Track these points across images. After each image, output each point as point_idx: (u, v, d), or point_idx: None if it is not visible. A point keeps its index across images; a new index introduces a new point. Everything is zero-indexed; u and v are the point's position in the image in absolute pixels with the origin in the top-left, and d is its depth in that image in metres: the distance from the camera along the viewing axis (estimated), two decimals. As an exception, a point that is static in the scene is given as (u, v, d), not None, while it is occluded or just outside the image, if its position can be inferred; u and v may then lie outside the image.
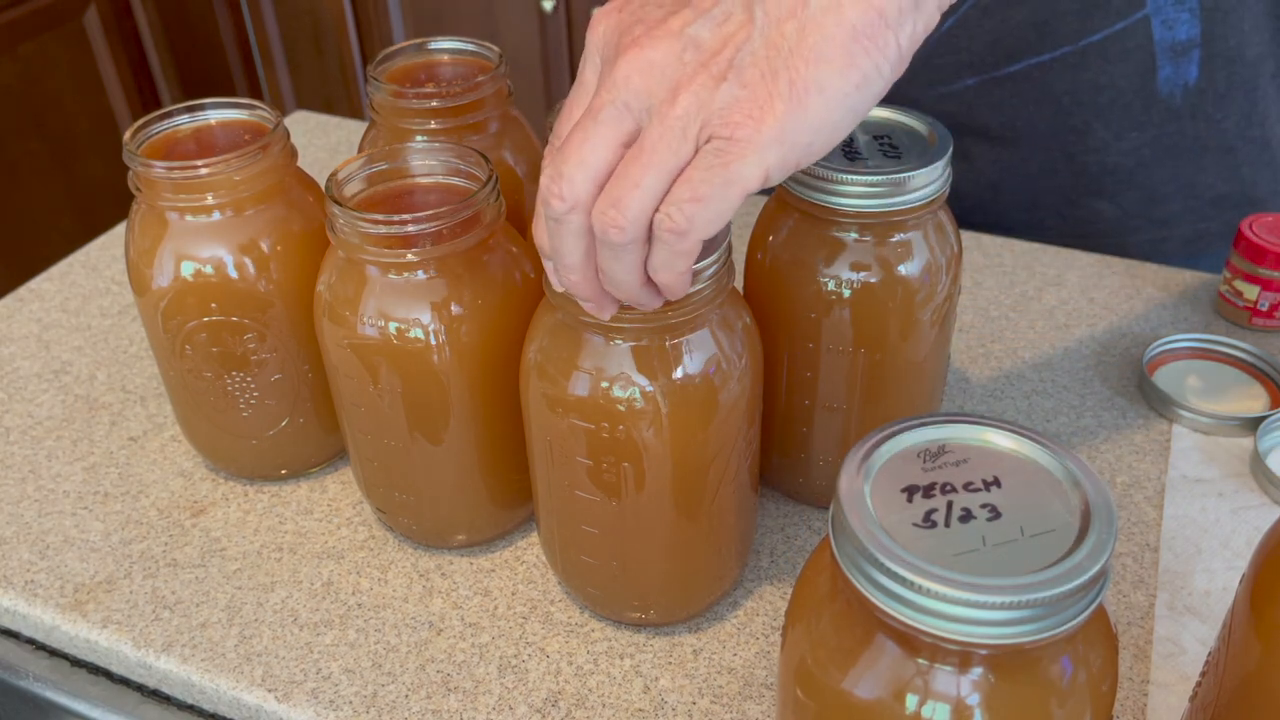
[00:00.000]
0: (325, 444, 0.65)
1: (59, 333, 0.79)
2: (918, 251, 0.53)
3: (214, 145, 0.60)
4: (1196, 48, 0.81)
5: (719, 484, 0.51)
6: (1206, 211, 0.88)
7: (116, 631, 0.57)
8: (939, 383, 0.60)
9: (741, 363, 0.49)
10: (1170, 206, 0.87)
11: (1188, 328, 0.76)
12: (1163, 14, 0.80)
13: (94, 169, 1.91)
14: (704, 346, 0.48)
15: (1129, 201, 0.87)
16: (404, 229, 0.50)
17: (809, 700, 0.38)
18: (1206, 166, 0.86)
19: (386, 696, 0.53)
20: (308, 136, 1.04)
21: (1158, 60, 0.81)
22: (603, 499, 0.50)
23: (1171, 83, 0.82)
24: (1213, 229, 0.89)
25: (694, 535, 0.52)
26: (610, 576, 0.53)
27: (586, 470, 0.49)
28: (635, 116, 0.39)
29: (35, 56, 1.77)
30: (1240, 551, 0.59)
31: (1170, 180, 0.87)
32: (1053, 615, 0.32)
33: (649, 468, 0.48)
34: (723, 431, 0.49)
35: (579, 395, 0.47)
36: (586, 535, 0.52)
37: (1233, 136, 0.85)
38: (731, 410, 0.49)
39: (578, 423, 0.48)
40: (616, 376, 0.47)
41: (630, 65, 0.39)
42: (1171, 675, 0.53)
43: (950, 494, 0.36)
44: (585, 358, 0.47)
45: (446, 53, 0.68)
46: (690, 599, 0.55)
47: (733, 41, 0.38)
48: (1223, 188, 0.87)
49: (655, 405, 0.47)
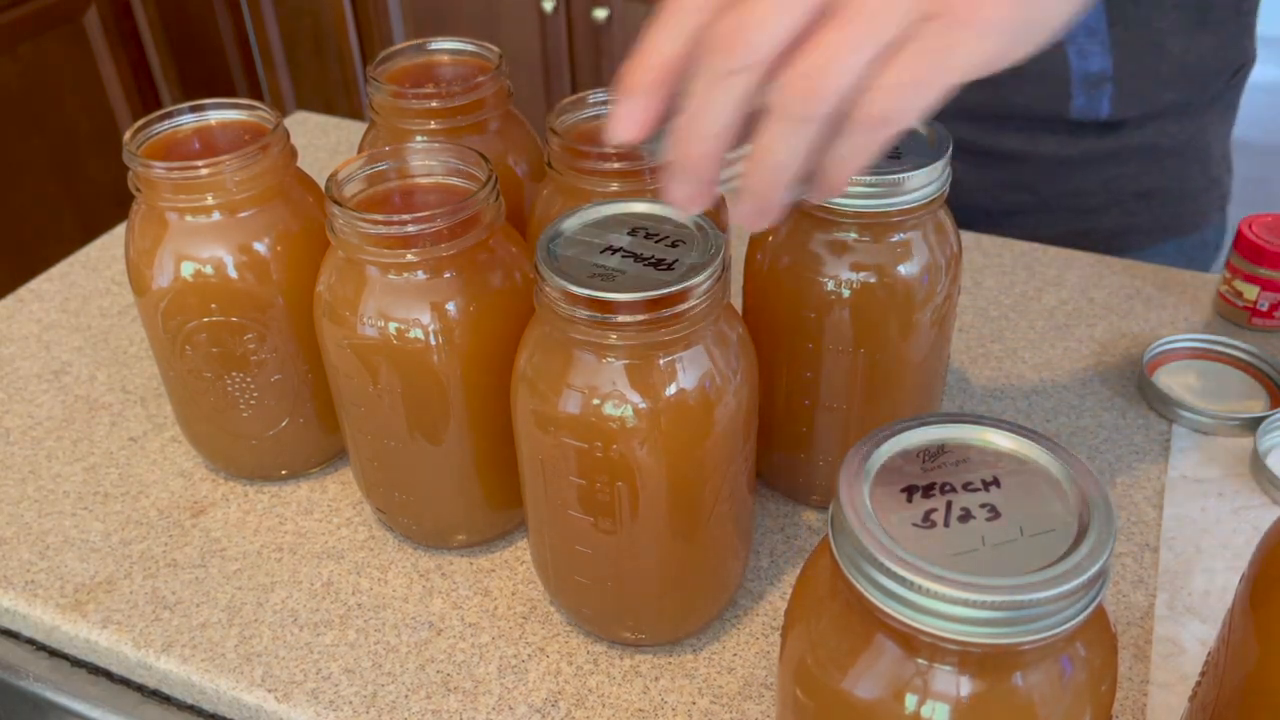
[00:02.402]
0: (325, 444, 0.65)
1: (59, 333, 0.79)
2: (917, 251, 0.53)
3: (214, 146, 0.60)
4: (1109, 82, 0.81)
5: (715, 502, 0.50)
6: (1132, 206, 0.88)
7: (116, 632, 0.57)
8: (939, 383, 0.60)
9: (737, 378, 0.48)
10: (1092, 200, 0.88)
11: (1188, 328, 0.76)
12: (1077, 42, 0.80)
13: (94, 169, 1.91)
14: (698, 363, 0.47)
15: (1048, 193, 0.87)
16: (404, 229, 0.50)
17: (809, 700, 0.38)
18: (1128, 167, 0.87)
19: (386, 696, 0.53)
20: (308, 137, 1.04)
21: (1072, 88, 0.82)
22: (595, 519, 0.49)
23: (1084, 112, 0.83)
24: (1140, 223, 0.89)
25: (690, 555, 0.51)
26: (604, 597, 0.53)
27: (578, 490, 0.49)
28: None
29: (35, 56, 1.78)
30: (1240, 551, 0.59)
31: (1091, 178, 0.87)
32: (1052, 615, 0.32)
33: (643, 487, 0.48)
34: (719, 448, 0.49)
35: (570, 413, 0.47)
36: (579, 555, 0.52)
37: (1154, 139, 0.86)
38: (727, 427, 0.48)
39: (569, 441, 0.47)
40: (609, 394, 0.46)
41: None
42: (1171, 675, 0.53)
43: (949, 494, 0.36)
44: (576, 374, 0.46)
45: (446, 53, 0.68)
46: (685, 619, 0.55)
47: None
48: (1148, 183, 0.88)
49: (648, 424, 0.46)
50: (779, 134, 0.36)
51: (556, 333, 0.46)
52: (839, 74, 0.34)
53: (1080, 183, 0.87)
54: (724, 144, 0.37)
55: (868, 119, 0.35)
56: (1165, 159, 0.87)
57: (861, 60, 0.34)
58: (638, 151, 0.54)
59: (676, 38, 0.36)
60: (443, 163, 0.55)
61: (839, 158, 0.36)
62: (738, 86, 0.35)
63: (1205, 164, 0.90)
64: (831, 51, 0.34)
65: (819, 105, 0.34)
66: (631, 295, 0.44)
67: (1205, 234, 0.93)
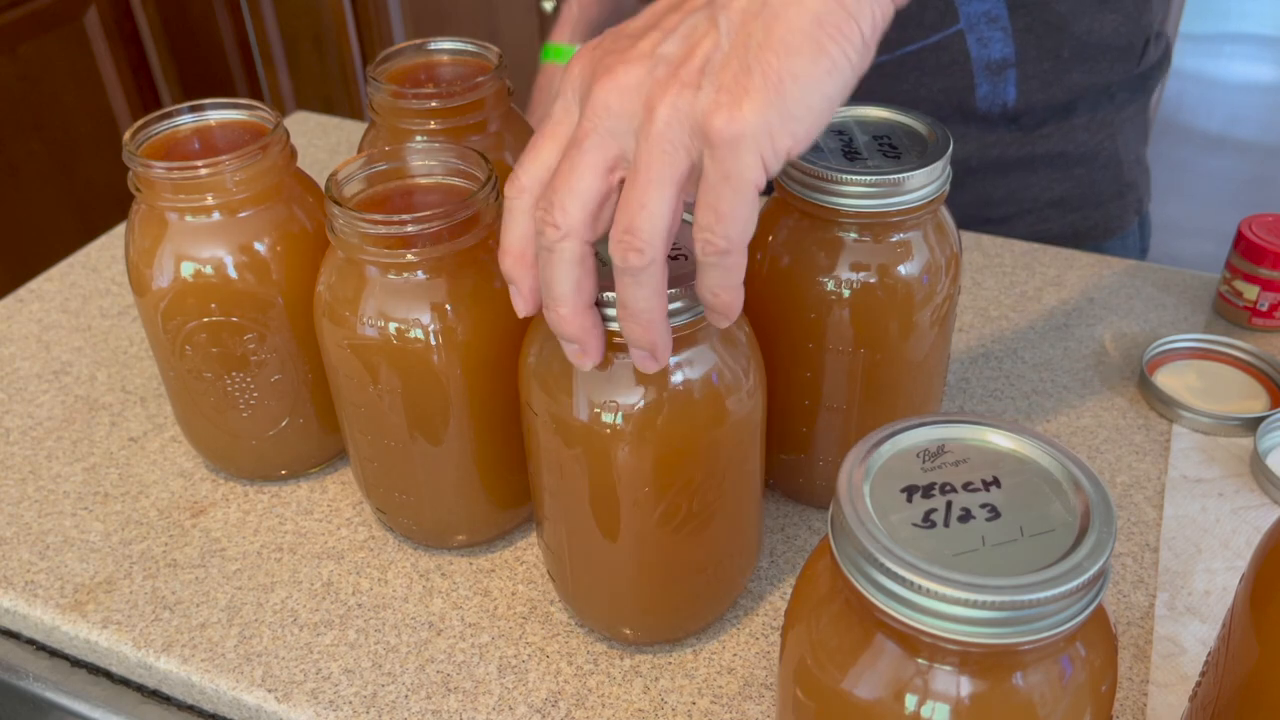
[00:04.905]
0: (325, 444, 0.65)
1: (59, 333, 0.79)
2: (917, 251, 0.53)
3: (214, 146, 0.60)
4: (1012, 67, 0.81)
5: (723, 502, 0.50)
6: (1046, 213, 0.88)
7: (116, 632, 0.57)
8: (939, 383, 0.60)
9: (748, 379, 0.48)
10: (1003, 209, 0.88)
11: (1188, 328, 0.76)
12: (977, 31, 0.80)
13: (94, 169, 1.91)
14: (705, 362, 0.46)
15: (960, 203, 0.87)
16: (403, 229, 0.50)
17: (809, 700, 0.38)
18: (1038, 174, 0.87)
19: (386, 697, 0.53)
20: (308, 137, 1.04)
21: (975, 78, 0.82)
22: (603, 521, 0.49)
23: (989, 101, 0.83)
24: (1053, 230, 0.89)
25: (700, 555, 0.51)
26: (614, 595, 0.53)
27: (587, 491, 0.48)
28: (619, 141, 0.39)
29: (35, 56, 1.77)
30: (1240, 551, 0.59)
31: (999, 186, 0.87)
32: (1052, 615, 0.32)
33: (650, 490, 0.47)
34: (729, 452, 0.48)
35: (577, 415, 0.46)
36: (591, 554, 0.51)
37: (1061, 145, 0.85)
38: (738, 429, 0.48)
39: (576, 442, 0.47)
40: (614, 394, 0.46)
41: (605, 92, 0.39)
42: (1171, 675, 0.53)
43: (950, 494, 0.36)
44: (581, 375, 0.46)
45: (446, 53, 0.68)
46: (693, 617, 0.54)
47: (700, 49, 0.38)
48: (1060, 190, 0.88)
49: (653, 425, 0.46)
50: (628, 287, 0.40)
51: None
52: (651, 222, 0.38)
53: (990, 191, 0.87)
54: (581, 299, 0.41)
55: (712, 257, 0.40)
56: (1074, 167, 0.87)
57: (660, 201, 0.38)
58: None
59: (519, 222, 0.43)
60: (443, 163, 0.55)
61: (711, 291, 0.41)
62: (568, 252, 0.40)
63: (1117, 170, 0.89)
64: (635, 206, 0.38)
65: (646, 256, 0.39)
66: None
67: (1125, 239, 0.94)
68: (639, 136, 0.38)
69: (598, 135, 0.39)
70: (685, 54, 0.38)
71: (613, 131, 0.39)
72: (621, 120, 0.39)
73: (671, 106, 0.38)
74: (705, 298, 0.42)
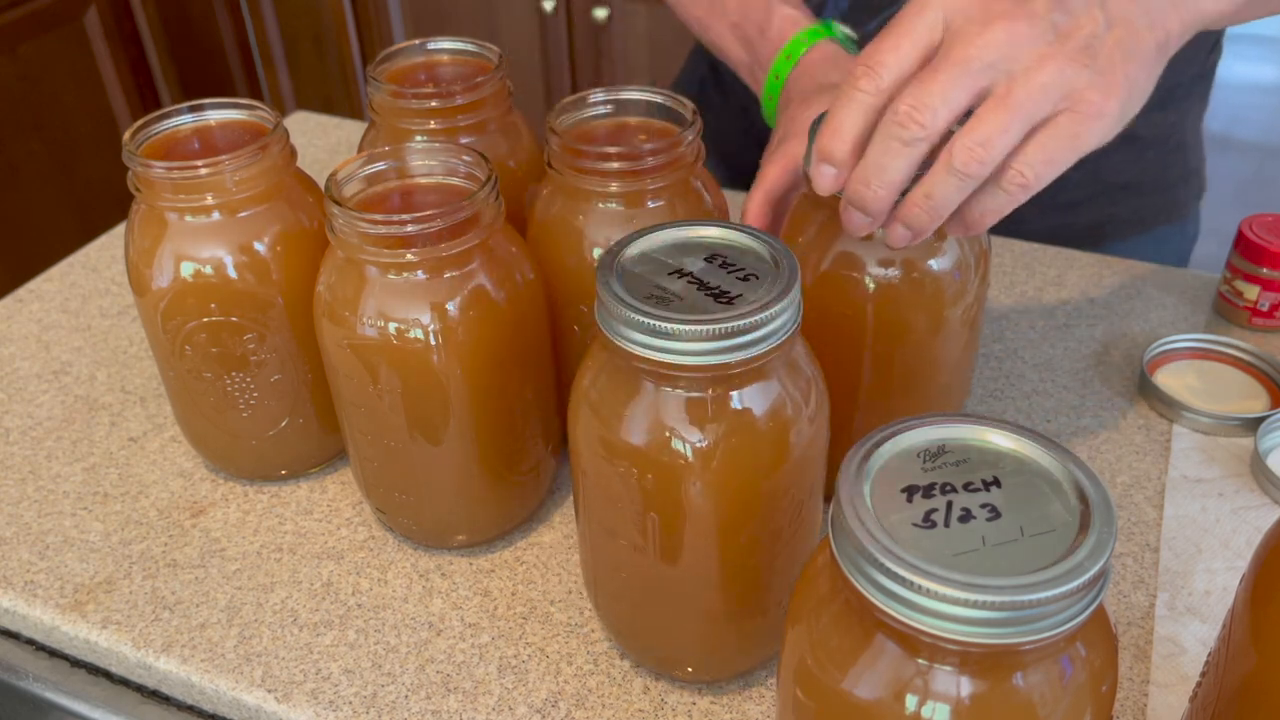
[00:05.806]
0: (325, 444, 0.65)
1: (59, 333, 0.79)
2: (949, 249, 0.53)
3: (214, 146, 0.60)
4: None
5: (779, 542, 0.48)
6: (1116, 196, 0.88)
7: (116, 632, 0.57)
8: (967, 383, 0.60)
9: (810, 406, 0.46)
10: (1073, 192, 0.88)
11: (1188, 328, 0.76)
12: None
13: (94, 169, 1.91)
14: (769, 396, 0.44)
15: None
16: (403, 229, 0.50)
17: (809, 700, 0.38)
18: (1112, 156, 0.86)
19: (386, 697, 0.53)
20: (308, 136, 1.04)
21: None
22: (648, 553, 0.47)
23: None
24: (1120, 214, 0.89)
25: (752, 598, 0.49)
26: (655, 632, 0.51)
27: (634, 520, 0.46)
28: (993, 75, 0.45)
29: (35, 56, 1.78)
30: (1240, 551, 0.59)
31: (1078, 167, 0.87)
32: (1052, 615, 0.32)
33: (702, 526, 0.45)
34: (787, 490, 0.46)
35: (631, 442, 0.45)
36: (629, 583, 0.50)
37: (1136, 131, 0.85)
38: (799, 463, 0.46)
39: (627, 469, 0.45)
40: (672, 426, 0.44)
41: (1005, 33, 0.45)
42: (1171, 675, 0.53)
43: (950, 494, 0.36)
44: (639, 402, 0.44)
45: (446, 53, 0.68)
46: (740, 659, 0.52)
47: (1084, 29, 0.45)
48: (1131, 173, 0.87)
49: (710, 460, 0.44)
50: (947, 184, 0.45)
51: (619, 359, 0.44)
52: (1001, 146, 0.45)
53: (1068, 172, 0.87)
54: (898, 192, 0.47)
55: (1012, 185, 0.46)
56: (1148, 149, 0.87)
57: (1017, 136, 0.45)
58: (637, 152, 0.54)
59: (861, 115, 0.47)
60: (443, 163, 0.55)
61: (983, 210, 0.47)
62: (915, 153, 0.45)
63: (1184, 154, 0.90)
64: (998, 128, 0.44)
65: (984, 168, 0.45)
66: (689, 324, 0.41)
67: (1185, 225, 0.93)
68: (1017, 77, 0.44)
69: (983, 64, 0.44)
70: (1072, 28, 0.45)
71: (993, 65, 0.44)
72: (1007, 60, 0.44)
73: (1059, 70, 0.44)
74: (972, 217, 0.47)
